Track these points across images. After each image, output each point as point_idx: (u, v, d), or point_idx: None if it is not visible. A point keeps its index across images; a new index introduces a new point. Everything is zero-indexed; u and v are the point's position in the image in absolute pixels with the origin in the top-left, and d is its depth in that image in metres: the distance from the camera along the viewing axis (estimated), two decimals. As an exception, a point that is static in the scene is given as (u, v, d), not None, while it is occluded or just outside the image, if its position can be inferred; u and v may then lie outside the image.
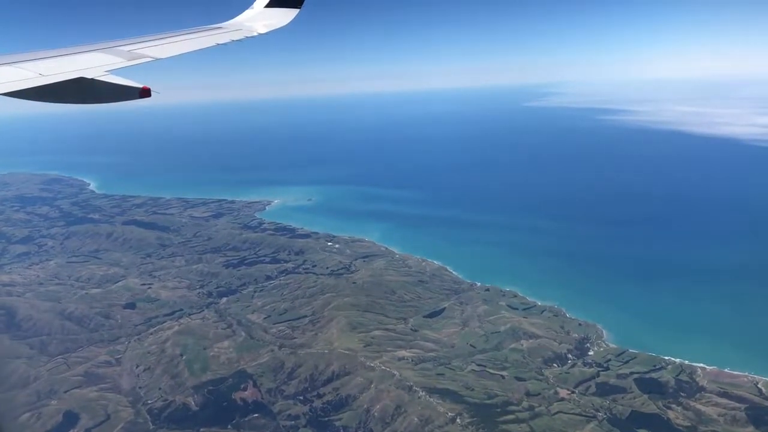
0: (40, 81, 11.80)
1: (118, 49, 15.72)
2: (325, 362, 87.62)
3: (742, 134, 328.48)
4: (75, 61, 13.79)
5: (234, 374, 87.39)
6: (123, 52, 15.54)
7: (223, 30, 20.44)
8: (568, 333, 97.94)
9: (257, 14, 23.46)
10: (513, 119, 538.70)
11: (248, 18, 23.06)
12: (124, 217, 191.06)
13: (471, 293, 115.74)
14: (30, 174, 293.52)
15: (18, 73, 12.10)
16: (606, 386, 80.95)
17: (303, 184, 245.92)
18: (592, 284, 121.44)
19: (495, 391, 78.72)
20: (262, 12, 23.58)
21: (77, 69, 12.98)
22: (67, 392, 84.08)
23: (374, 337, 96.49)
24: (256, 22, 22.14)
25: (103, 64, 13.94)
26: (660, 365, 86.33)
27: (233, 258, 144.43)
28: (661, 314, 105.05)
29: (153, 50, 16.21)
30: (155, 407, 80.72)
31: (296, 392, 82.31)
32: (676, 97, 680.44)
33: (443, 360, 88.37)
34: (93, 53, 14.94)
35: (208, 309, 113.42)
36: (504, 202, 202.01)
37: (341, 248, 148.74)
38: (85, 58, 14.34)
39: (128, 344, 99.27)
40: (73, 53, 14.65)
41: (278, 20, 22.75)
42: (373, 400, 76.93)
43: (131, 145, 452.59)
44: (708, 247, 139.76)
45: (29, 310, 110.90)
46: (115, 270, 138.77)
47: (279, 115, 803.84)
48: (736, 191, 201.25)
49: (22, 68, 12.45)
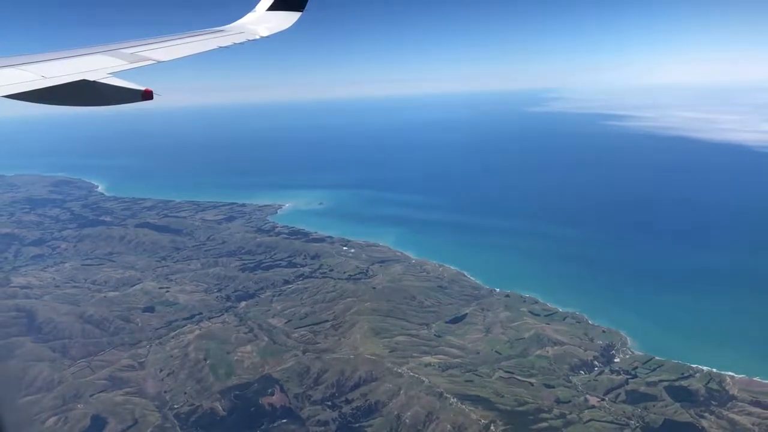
0: (43, 83, 11.85)
1: (121, 52, 15.75)
2: (351, 368, 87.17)
3: (751, 141, 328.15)
4: (77, 64, 13.80)
5: (259, 379, 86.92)
6: (125, 54, 15.56)
7: (225, 33, 20.53)
8: (592, 340, 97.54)
9: (259, 17, 23.47)
10: (517, 124, 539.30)
11: (250, 21, 23.08)
12: (136, 219, 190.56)
13: (491, 299, 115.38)
14: (38, 176, 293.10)
15: (20, 75, 12.14)
16: (636, 394, 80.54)
17: (313, 188, 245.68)
18: (611, 290, 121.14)
19: (525, 398, 78.28)
20: (265, 15, 23.60)
21: (79, 71, 13.01)
22: (92, 396, 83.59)
23: (398, 342, 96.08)
24: (258, 25, 22.20)
25: (106, 66, 13.98)
26: (688, 373, 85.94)
27: (249, 262, 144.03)
28: (683, 321, 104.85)
29: (155, 53, 16.21)
30: (182, 412, 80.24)
31: (323, 398, 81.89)
32: (679, 103, 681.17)
33: (470, 366, 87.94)
34: (95, 55, 14.98)
35: (227, 313, 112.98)
36: (515, 207, 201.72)
37: (357, 253, 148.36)
38: (87, 60, 14.38)
39: (150, 348, 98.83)
40: (75, 55, 14.67)
41: (280, 23, 22.84)
42: (404, 407, 76.43)
43: (137, 148, 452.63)
44: (727, 254, 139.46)
45: (49, 313, 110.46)
46: (130, 273, 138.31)
47: (281, 118, 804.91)
48: (753, 199, 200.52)
49: (24, 70, 12.47)
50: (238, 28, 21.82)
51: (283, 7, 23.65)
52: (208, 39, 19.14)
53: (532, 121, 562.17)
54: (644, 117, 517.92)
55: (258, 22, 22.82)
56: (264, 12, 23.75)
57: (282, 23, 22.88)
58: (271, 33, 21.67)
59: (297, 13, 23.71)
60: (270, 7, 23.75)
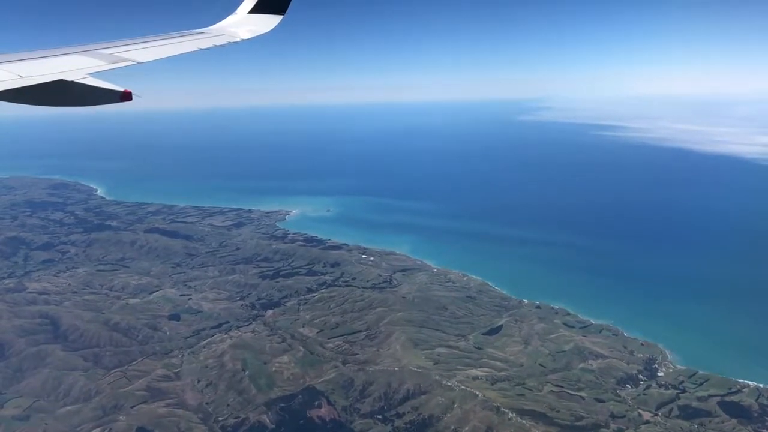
0: (19, 83, 11.55)
1: (100, 52, 15.50)
2: (397, 380, 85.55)
3: (746, 153, 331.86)
4: (55, 63, 13.51)
5: (303, 391, 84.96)
6: (104, 54, 15.31)
7: (206, 35, 20.47)
8: (632, 353, 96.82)
9: (241, 20, 23.42)
10: (511, 133, 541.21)
11: (232, 23, 23.03)
12: (144, 225, 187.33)
13: (522, 310, 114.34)
14: (33, 178, 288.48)
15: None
16: (689, 409, 79.83)
17: (318, 194, 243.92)
18: (639, 301, 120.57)
19: (580, 413, 77.23)
20: (246, 18, 23.57)
21: (57, 71, 12.72)
22: (134, 407, 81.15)
23: (440, 354, 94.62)
24: (239, 28, 22.18)
25: (84, 66, 13.70)
26: (735, 388, 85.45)
27: (267, 269, 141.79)
28: (718, 333, 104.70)
29: (135, 54, 15.97)
30: (228, 425, 78.11)
31: (373, 411, 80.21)
32: (669, 114, 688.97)
33: (517, 379, 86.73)
34: (74, 55, 14.68)
35: (255, 322, 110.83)
36: (522, 216, 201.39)
37: (376, 261, 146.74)
38: (65, 60, 14.09)
39: (183, 357, 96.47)
40: (53, 55, 14.37)
41: (262, 26, 22.81)
42: (461, 421, 74.94)
43: (126, 151, 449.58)
44: (749, 265, 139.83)
45: (73, 320, 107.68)
46: (147, 280, 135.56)
47: (266, 123, 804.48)
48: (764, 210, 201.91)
49: (0, 69, 12.13)
50: (218, 30, 21.79)
51: (264, 10, 23.65)
52: (188, 40, 19.04)
53: (524, 130, 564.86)
54: (637, 128, 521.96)
55: (239, 24, 22.83)
56: (245, 15, 23.73)
57: (263, 26, 22.88)
58: (252, 36, 21.70)
59: (278, 16, 23.69)
60: (251, 9, 23.74)
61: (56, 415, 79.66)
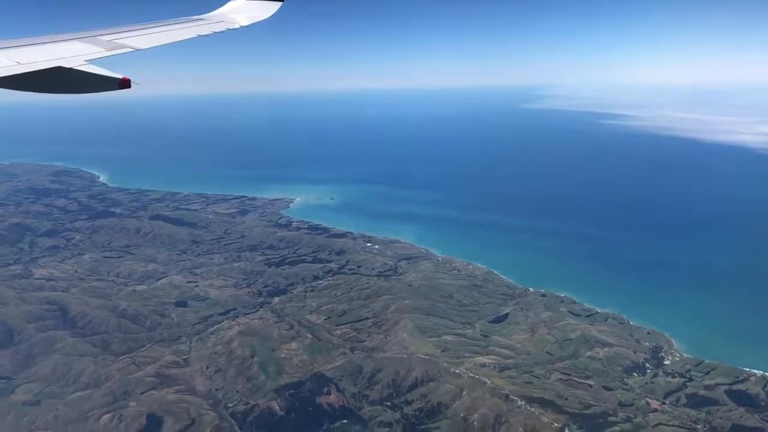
0: (18, 69, 11.54)
1: (98, 39, 15.49)
2: (405, 367, 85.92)
3: (749, 142, 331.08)
4: (53, 50, 13.48)
5: (311, 378, 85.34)
6: (102, 41, 15.30)
7: (205, 21, 20.48)
8: (638, 341, 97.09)
9: (239, 6, 23.36)
10: (514, 121, 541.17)
11: (230, 10, 22.95)
12: (148, 212, 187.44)
13: (528, 299, 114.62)
14: (35, 165, 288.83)
15: None
16: (697, 398, 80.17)
17: (321, 182, 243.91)
18: (644, 290, 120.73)
19: (588, 401, 77.58)
20: (245, 4, 23.54)
21: (55, 58, 12.72)
22: (144, 393, 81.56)
23: (447, 342, 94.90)
24: (238, 14, 22.14)
25: (82, 53, 13.69)
26: (742, 376, 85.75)
27: (273, 257, 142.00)
28: (722, 322, 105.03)
29: (133, 40, 16.02)
30: (238, 411, 78.49)
31: (381, 398, 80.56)
32: (671, 102, 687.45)
33: (524, 367, 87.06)
34: (72, 42, 14.63)
35: (263, 309, 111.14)
36: (526, 205, 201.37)
37: (381, 249, 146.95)
38: (63, 47, 14.03)
39: (191, 344, 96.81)
40: (51, 42, 14.32)
41: (260, 13, 22.83)
42: (469, 409, 75.31)
43: (126, 138, 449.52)
44: (754, 255, 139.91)
45: (80, 306, 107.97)
46: (153, 266, 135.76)
47: (269, 110, 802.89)
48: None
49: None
50: (217, 16, 21.77)
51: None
52: (187, 27, 19.04)
53: (527, 118, 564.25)
54: (639, 116, 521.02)
55: (238, 11, 22.78)
56: (244, 1, 23.71)
57: (262, 13, 22.90)
58: (251, 22, 21.70)
59: (277, 2, 23.63)
60: None
61: (66, 400, 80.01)
